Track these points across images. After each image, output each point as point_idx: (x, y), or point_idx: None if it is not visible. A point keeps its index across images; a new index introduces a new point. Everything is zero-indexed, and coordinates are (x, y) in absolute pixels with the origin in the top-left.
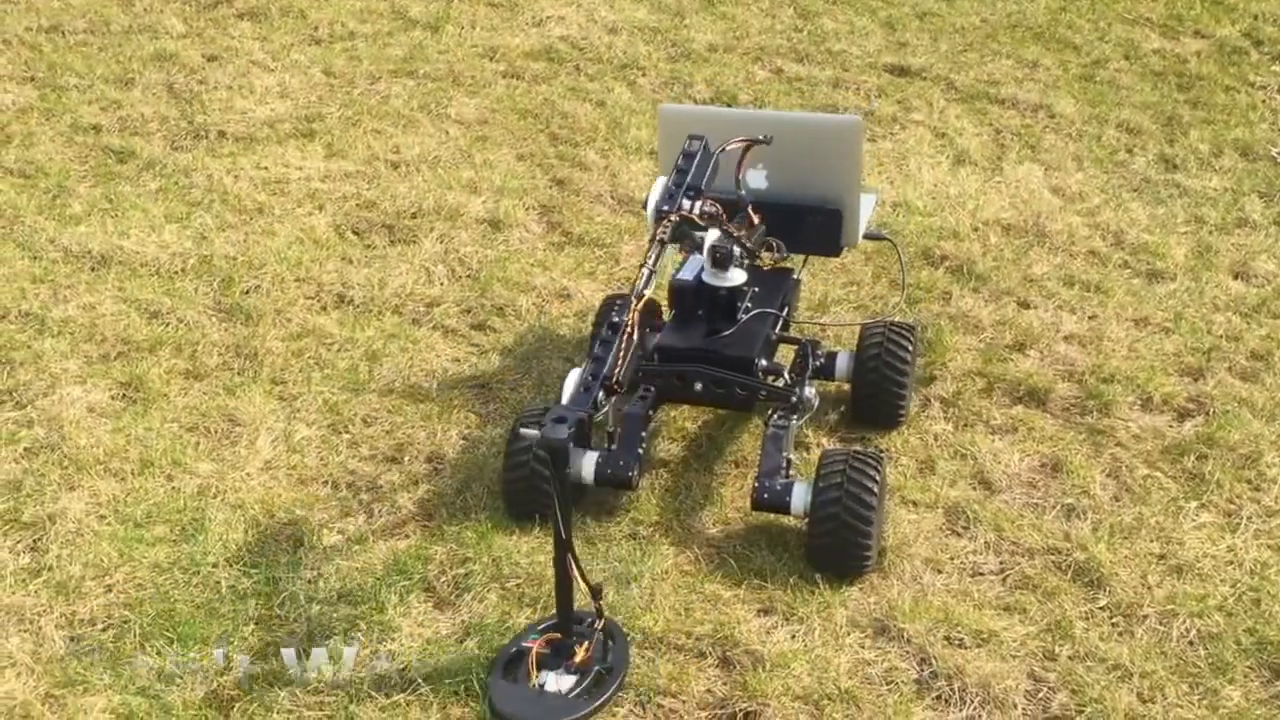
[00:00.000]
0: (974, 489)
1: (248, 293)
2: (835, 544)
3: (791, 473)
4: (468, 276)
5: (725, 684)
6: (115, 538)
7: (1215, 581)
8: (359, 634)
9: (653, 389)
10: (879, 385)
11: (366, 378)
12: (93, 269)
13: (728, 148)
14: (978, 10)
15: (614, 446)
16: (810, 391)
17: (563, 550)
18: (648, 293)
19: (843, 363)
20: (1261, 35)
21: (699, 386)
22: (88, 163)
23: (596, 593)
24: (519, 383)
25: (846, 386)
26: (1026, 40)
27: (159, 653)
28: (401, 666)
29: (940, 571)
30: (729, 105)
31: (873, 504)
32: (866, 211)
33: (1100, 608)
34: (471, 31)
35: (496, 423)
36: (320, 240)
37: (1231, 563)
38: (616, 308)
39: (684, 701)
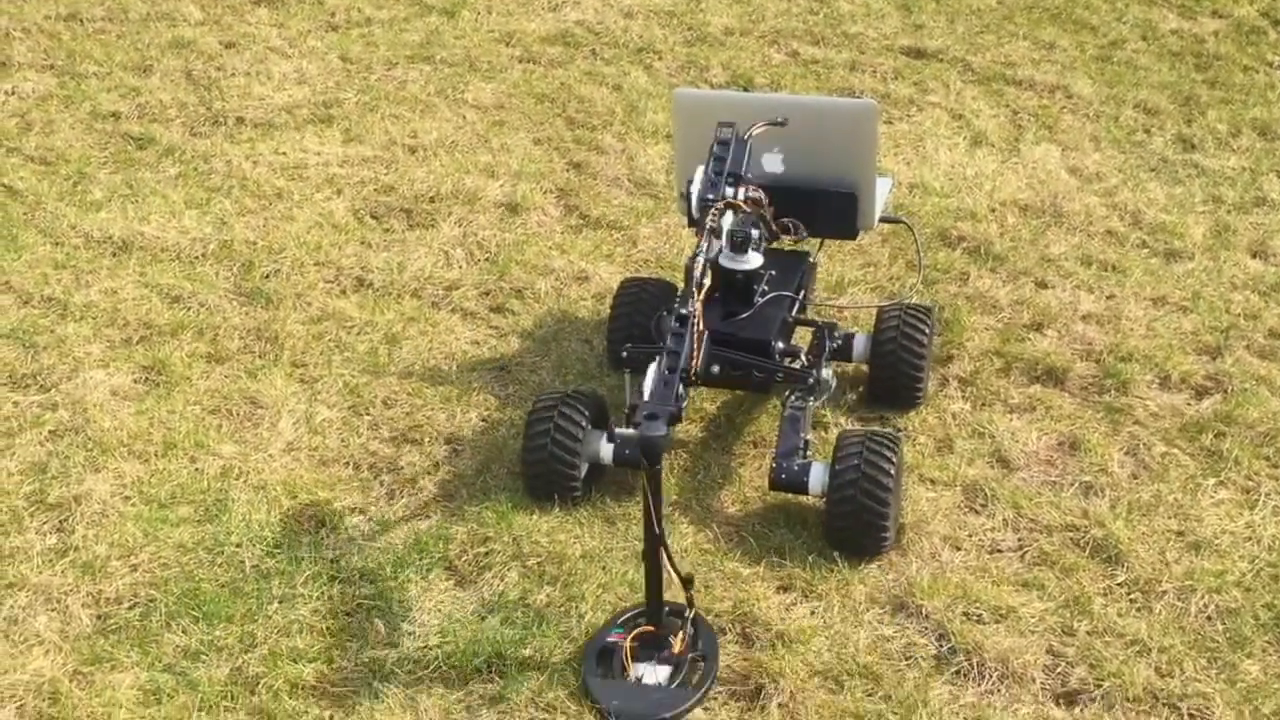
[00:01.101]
0: (992, 467)
1: (268, 277)
2: (853, 523)
3: (809, 453)
4: (486, 260)
5: (745, 660)
6: (140, 518)
7: (1234, 558)
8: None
9: None
10: (896, 367)
11: (386, 360)
12: (114, 254)
13: (754, 132)
14: None
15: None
16: (827, 373)
17: (654, 543)
18: (707, 282)
19: (860, 345)
20: None
21: (716, 369)
22: (107, 149)
23: (688, 583)
24: (538, 364)
25: (864, 368)
26: (1043, 21)
27: (184, 631)
28: (424, 643)
29: (959, 549)
30: (745, 89)
31: (890, 484)
32: (882, 195)
33: (1118, 584)
34: (488, 17)
35: (516, 404)
36: (339, 225)
37: (1250, 539)
38: (678, 299)
39: None
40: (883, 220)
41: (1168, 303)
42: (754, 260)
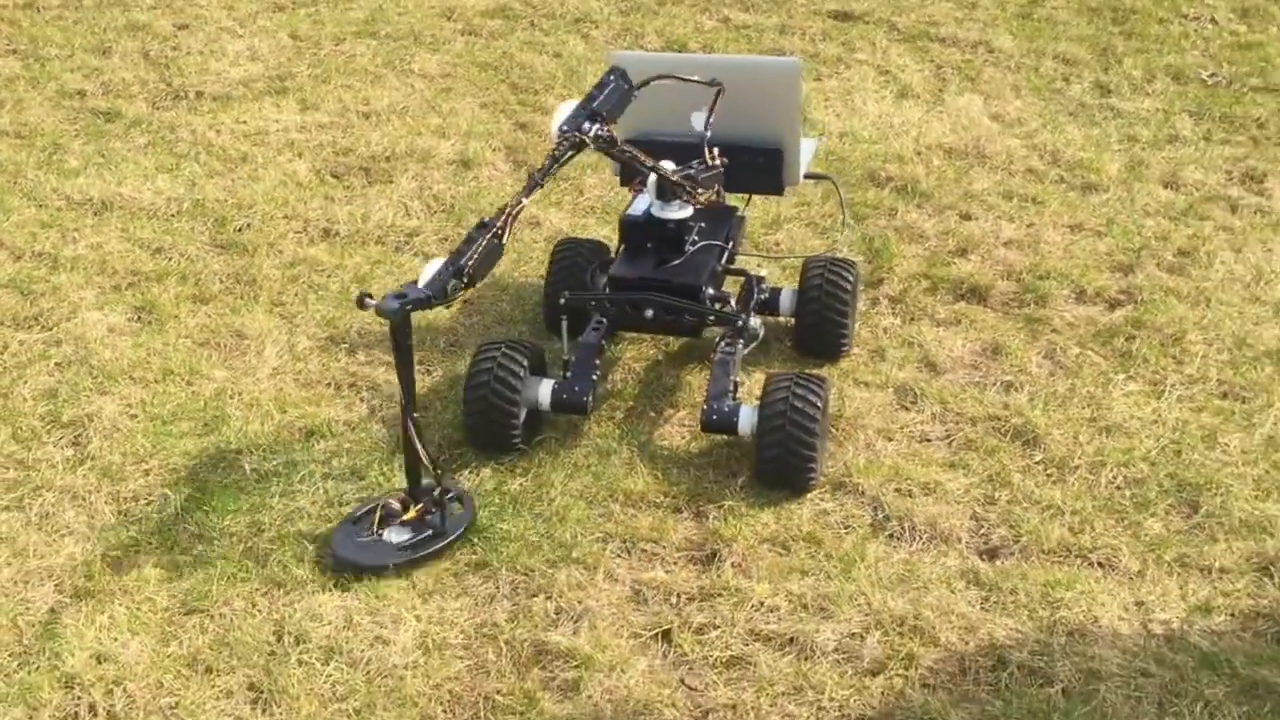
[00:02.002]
0: (921, 371)
1: (240, 230)
2: (781, 462)
3: (738, 396)
4: (442, 210)
5: (700, 532)
6: (148, 432)
7: (1141, 438)
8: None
9: (605, 320)
10: (821, 316)
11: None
12: (95, 214)
13: (654, 83)
14: None
15: (569, 374)
16: (756, 322)
17: (406, 419)
18: (527, 201)
19: (786, 299)
20: None
21: (650, 313)
22: (77, 123)
23: (434, 462)
24: (498, 298)
25: (792, 321)
26: None
27: (198, 522)
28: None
29: (891, 439)
30: (679, 53)
31: (817, 423)
32: (808, 155)
33: (1036, 462)
34: None
35: (479, 331)
36: (303, 183)
37: (1156, 422)
38: (497, 212)
39: (664, 546)
40: (808, 177)
41: (1084, 229)
42: (684, 211)
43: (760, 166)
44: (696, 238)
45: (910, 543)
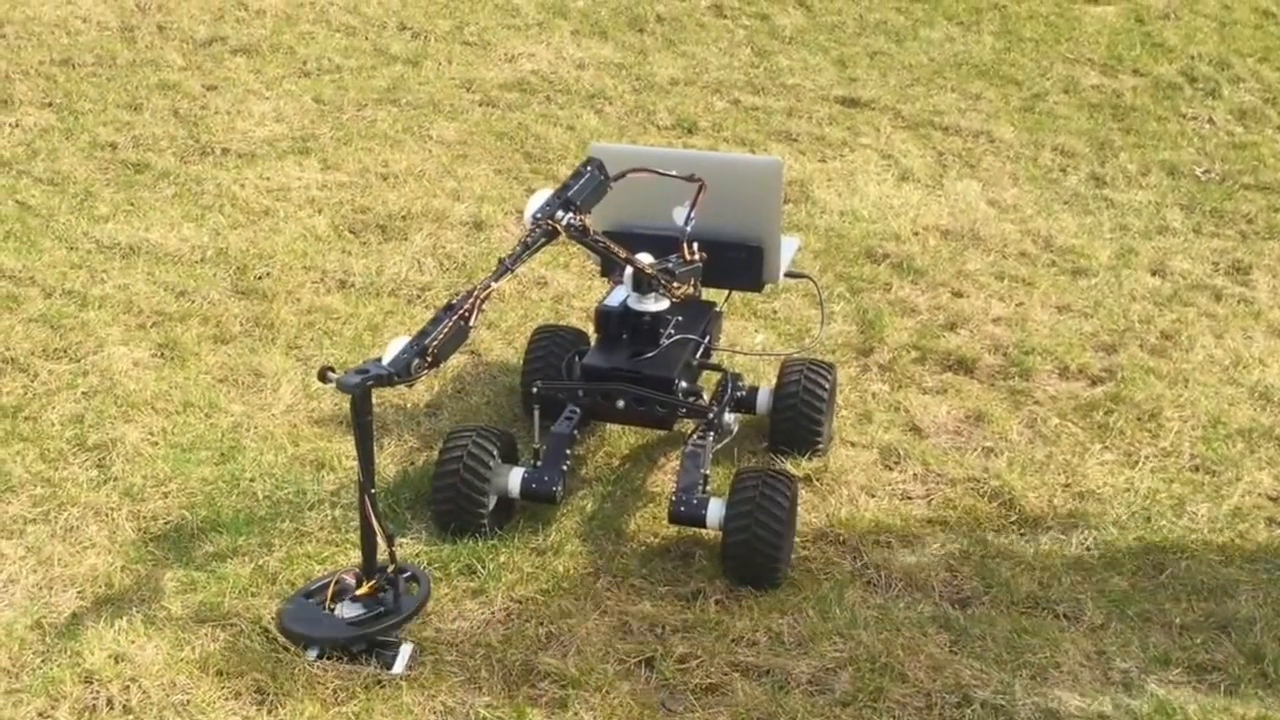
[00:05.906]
0: (906, 434)
1: (260, 278)
2: (748, 558)
3: (708, 489)
4: (455, 268)
5: (685, 573)
6: (168, 459)
7: (1113, 504)
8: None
9: (578, 410)
10: (796, 421)
11: (370, 343)
12: (123, 257)
13: (629, 176)
14: (926, 50)
15: (540, 463)
16: (730, 419)
17: (363, 495)
18: (496, 285)
19: (763, 398)
20: (1197, 73)
21: (621, 404)
22: (108, 173)
23: (390, 540)
24: (505, 350)
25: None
26: (971, 76)
27: (212, 542)
28: (415, 551)
29: (874, 496)
30: (689, 130)
31: (784, 521)
32: (789, 253)
33: (1010, 522)
34: (449, 66)
35: (486, 380)
36: (321, 237)
37: (1128, 490)
38: (460, 292)
39: (651, 582)
40: (789, 275)
41: (1071, 310)
42: (660, 304)
43: (740, 263)
44: (672, 331)
45: (886, 590)
